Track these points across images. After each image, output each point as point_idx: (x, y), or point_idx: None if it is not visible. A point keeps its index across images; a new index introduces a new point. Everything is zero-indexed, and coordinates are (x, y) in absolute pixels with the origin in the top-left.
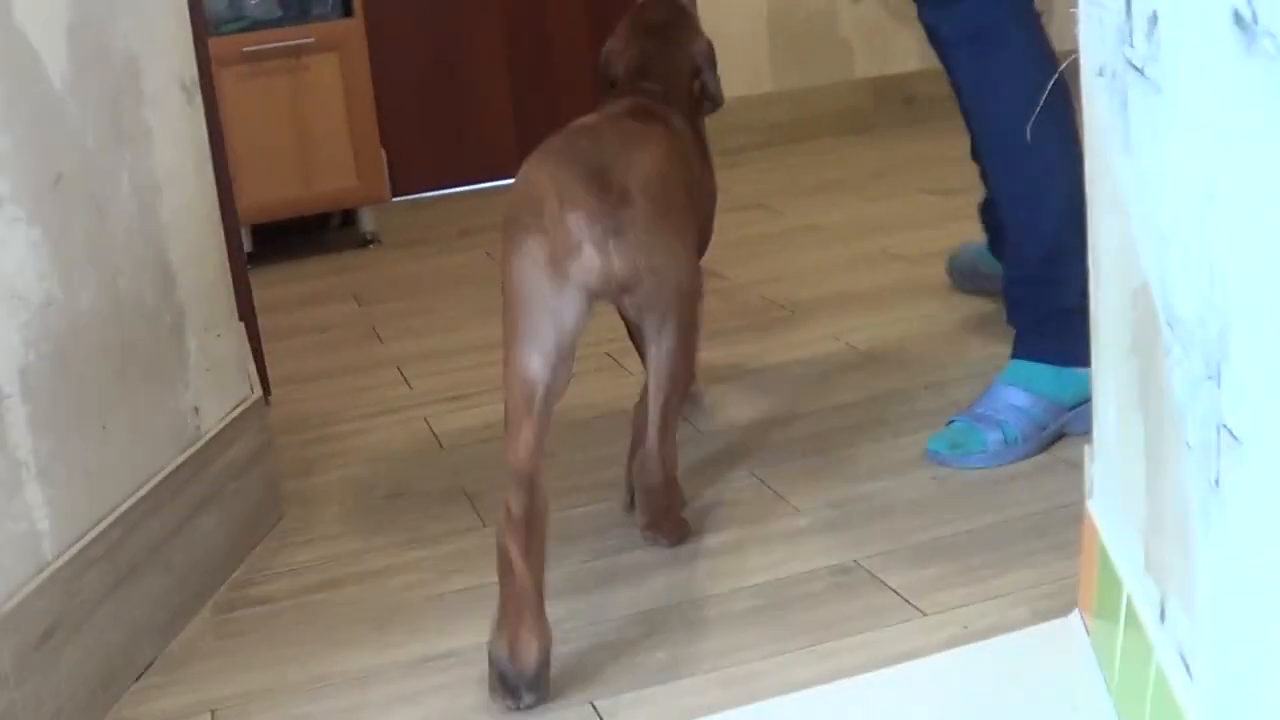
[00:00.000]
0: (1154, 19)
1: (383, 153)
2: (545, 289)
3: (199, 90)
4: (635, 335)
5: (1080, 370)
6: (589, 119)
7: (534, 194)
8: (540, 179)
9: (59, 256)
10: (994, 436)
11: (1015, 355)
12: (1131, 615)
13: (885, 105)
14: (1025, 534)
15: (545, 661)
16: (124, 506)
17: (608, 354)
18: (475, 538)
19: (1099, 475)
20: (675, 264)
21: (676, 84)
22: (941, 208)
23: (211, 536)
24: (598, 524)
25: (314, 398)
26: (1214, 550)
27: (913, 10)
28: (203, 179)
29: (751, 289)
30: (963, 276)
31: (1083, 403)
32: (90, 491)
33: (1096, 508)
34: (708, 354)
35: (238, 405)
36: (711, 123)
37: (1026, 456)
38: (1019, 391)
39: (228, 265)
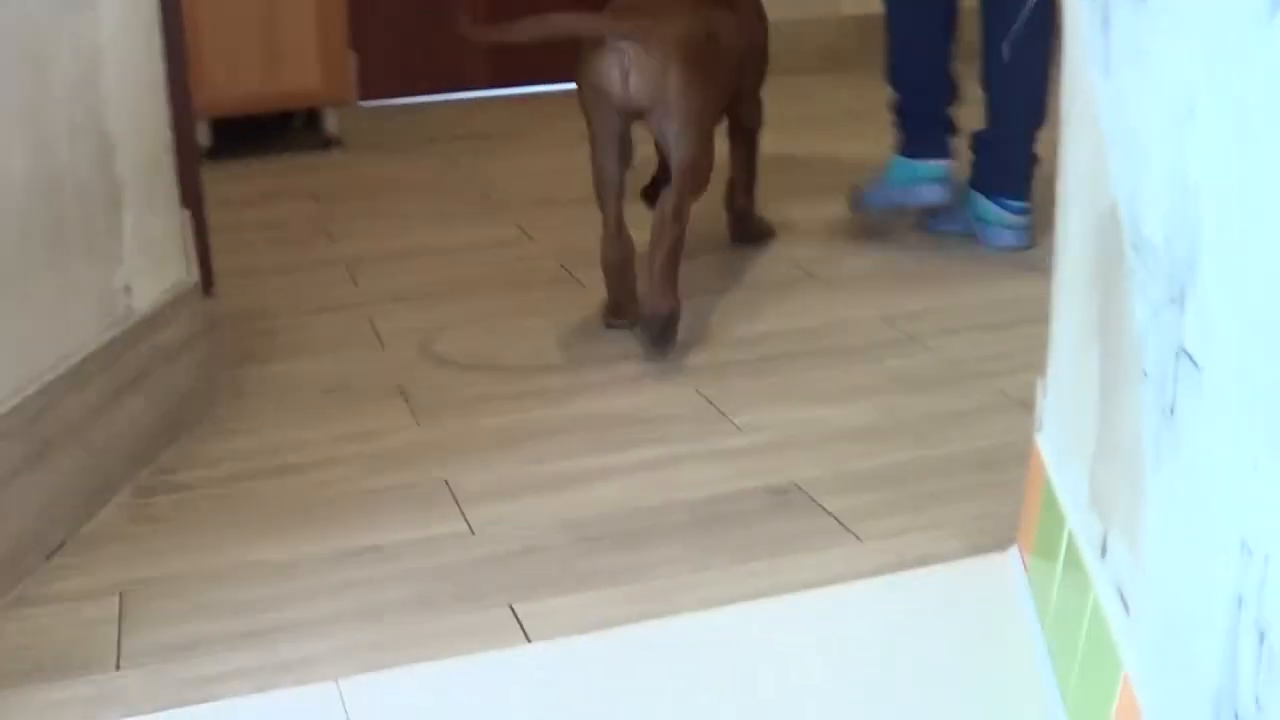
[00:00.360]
0: None
1: (353, 55)
2: (597, 107)
3: None
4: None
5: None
6: None
7: (588, 43)
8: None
9: None
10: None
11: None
12: (1072, 551)
13: (868, 46)
14: (969, 468)
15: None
16: (44, 380)
17: (562, 266)
18: (407, 435)
19: (1049, 409)
20: (683, 99)
21: None
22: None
23: (137, 420)
24: (536, 430)
25: (259, 291)
26: (1163, 482)
27: None
28: (151, 49)
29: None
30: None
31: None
32: (7, 362)
33: (1045, 442)
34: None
35: (172, 288)
36: None
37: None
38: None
39: (173, 144)
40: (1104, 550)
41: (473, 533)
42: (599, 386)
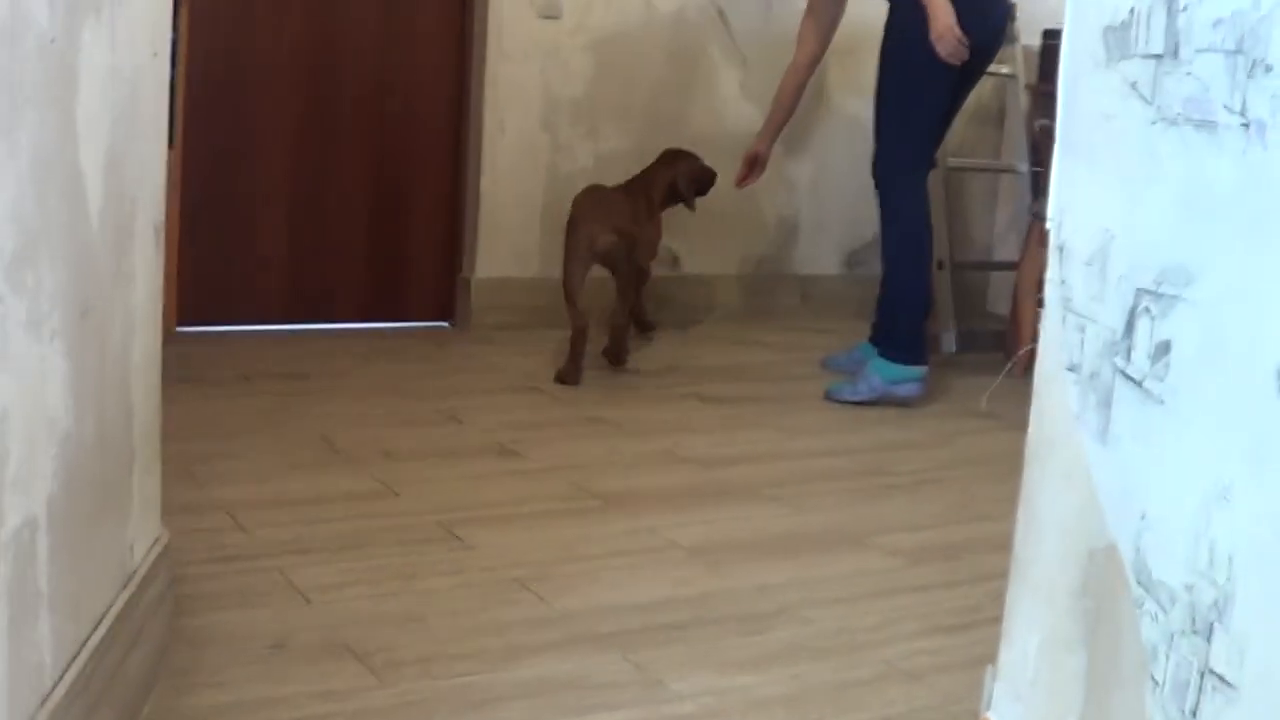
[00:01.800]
0: (1165, 348)
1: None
2: (574, 252)
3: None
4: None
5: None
6: (610, 186)
7: (574, 210)
8: (578, 202)
9: (77, 389)
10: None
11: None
12: None
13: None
14: None
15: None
16: (93, 640)
17: (438, 523)
18: (380, 697)
19: (1002, 693)
20: (628, 252)
21: (657, 183)
22: (715, 414)
23: (132, 676)
24: (494, 694)
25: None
26: None
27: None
28: (157, 321)
29: (559, 474)
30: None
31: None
32: (75, 623)
33: (996, 717)
34: (534, 535)
35: (156, 542)
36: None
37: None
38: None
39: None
40: None
41: None
42: (533, 650)
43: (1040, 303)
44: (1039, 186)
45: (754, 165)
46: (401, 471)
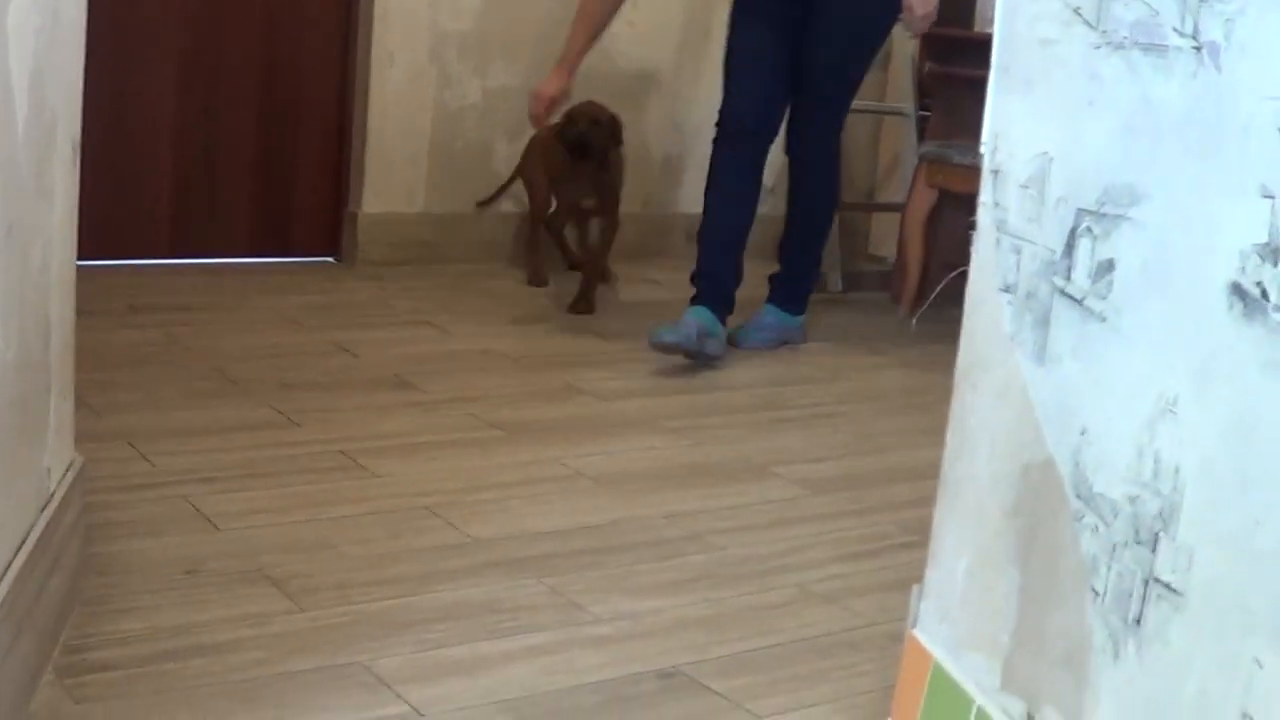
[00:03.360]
0: (1108, 266)
1: None
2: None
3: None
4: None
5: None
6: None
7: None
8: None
9: (2, 306)
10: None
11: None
12: None
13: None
14: (812, 654)
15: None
16: (15, 564)
17: (341, 452)
18: (300, 620)
19: (928, 611)
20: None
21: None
22: (611, 349)
23: (52, 600)
24: (415, 618)
25: None
26: (1124, 678)
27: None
28: (72, 240)
29: (458, 405)
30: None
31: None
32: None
33: (923, 635)
34: (439, 464)
35: (70, 466)
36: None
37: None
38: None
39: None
40: None
41: (420, 714)
42: (449, 574)
43: (927, 239)
44: (924, 129)
45: (554, 105)
46: (299, 402)
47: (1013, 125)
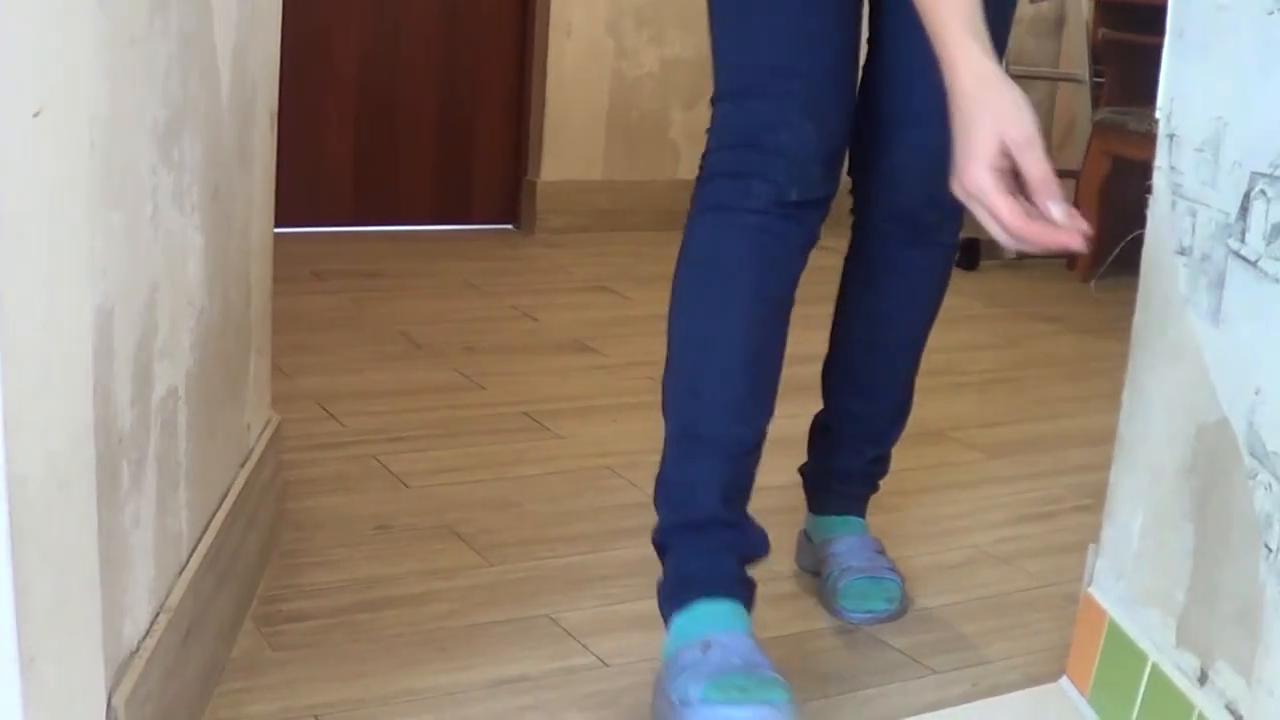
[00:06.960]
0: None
1: None
2: None
3: None
4: None
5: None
6: None
7: None
8: None
9: (209, 266)
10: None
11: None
12: (1158, 681)
13: None
14: (985, 614)
15: None
16: (219, 516)
17: (525, 414)
18: (488, 574)
19: (1104, 570)
20: None
21: None
22: None
23: (250, 553)
24: (605, 572)
25: None
26: None
27: None
28: (270, 205)
29: (637, 369)
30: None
31: None
32: (206, 498)
33: (1099, 594)
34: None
35: (268, 424)
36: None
37: None
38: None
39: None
40: (1203, 679)
41: (606, 664)
42: (631, 532)
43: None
44: (1099, 96)
45: None
46: (483, 365)
47: (1188, 90)
